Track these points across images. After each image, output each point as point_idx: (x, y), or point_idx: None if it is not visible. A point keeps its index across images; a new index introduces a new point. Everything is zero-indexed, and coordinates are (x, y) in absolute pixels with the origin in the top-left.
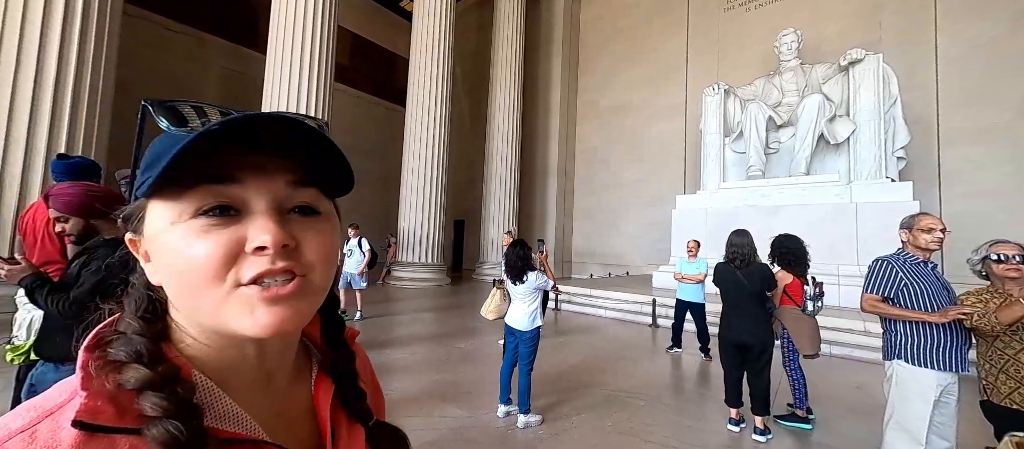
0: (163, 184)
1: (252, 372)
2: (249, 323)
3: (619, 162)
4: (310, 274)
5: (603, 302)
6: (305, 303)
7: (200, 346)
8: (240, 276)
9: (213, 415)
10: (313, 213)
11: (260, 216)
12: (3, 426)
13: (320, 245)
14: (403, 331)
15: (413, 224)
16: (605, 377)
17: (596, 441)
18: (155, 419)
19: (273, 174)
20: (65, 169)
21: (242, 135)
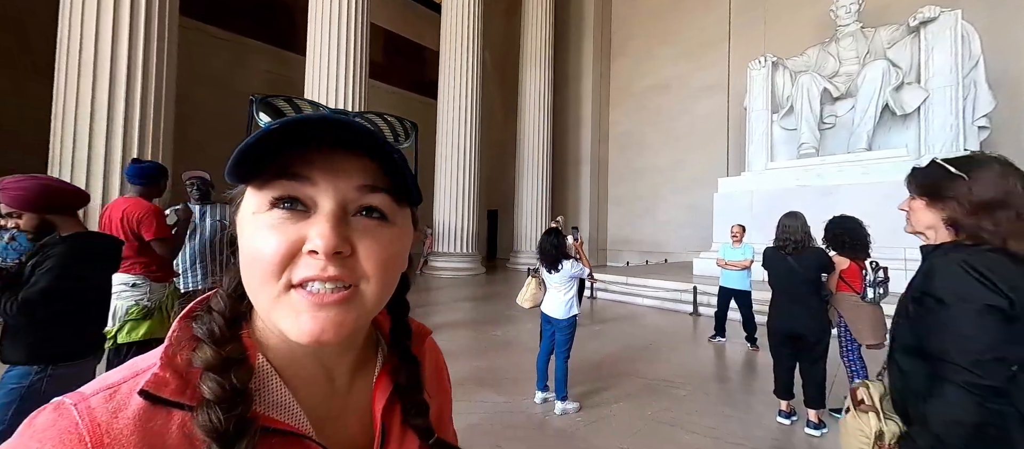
0: (246, 175)
1: (310, 366)
2: (293, 327)
3: (656, 145)
4: (362, 284)
5: (641, 290)
6: (351, 315)
7: (267, 332)
8: (292, 277)
9: (264, 402)
10: (380, 217)
11: (321, 218)
12: (104, 379)
13: (379, 254)
14: (440, 319)
15: (447, 215)
16: (644, 366)
17: (636, 429)
18: (206, 402)
19: (343, 175)
20: (138, 173)
21: (307, 136)
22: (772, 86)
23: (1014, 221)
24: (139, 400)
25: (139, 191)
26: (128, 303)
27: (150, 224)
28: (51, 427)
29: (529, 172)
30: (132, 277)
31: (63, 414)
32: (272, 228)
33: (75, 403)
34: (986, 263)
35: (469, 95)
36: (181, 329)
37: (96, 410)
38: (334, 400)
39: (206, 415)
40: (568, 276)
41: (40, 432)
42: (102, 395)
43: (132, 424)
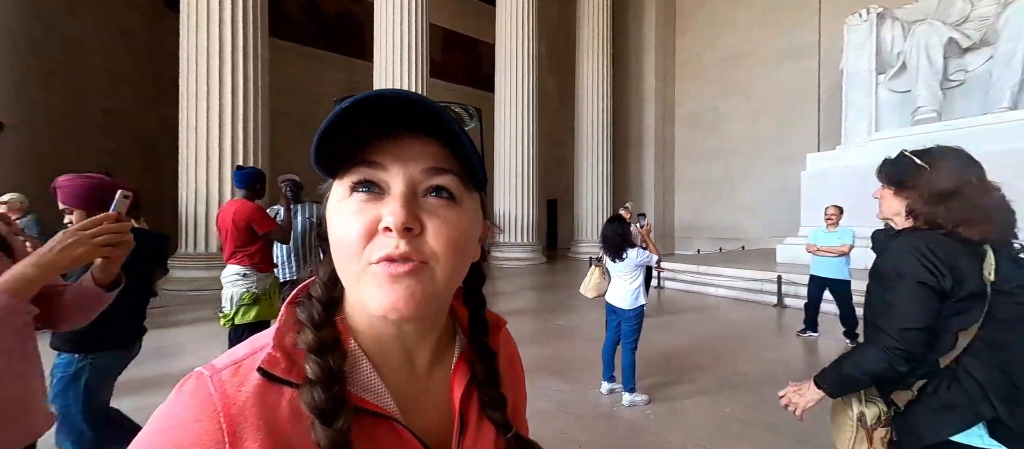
0: (332, 168)
1: (395, 349)
2: (372, 299)
3: (730, 122)
4: (431, 262)
5: (715, 279)
6: (420, 287)
7: (358, 318)
8: (371, 255)
9: (355, 383)
10: (448, 197)
11: (393, 197)
12: (230, 353)
13: (446, 232)
14: (502, 307)
15: (507, 206)
16: (720, 361)
17: (712, 426)
18: (309, 381)
19: (412, 159)
20: (241, 178)
21: (376, 116)
22: (878, 42)
23: (966, 210)
24: (257, 376)
25: (244, 194)
26: (240, 290)
27: (259, 221)
28: (194, 394)
29: (588, 158)
30: (242, 268)
31: (201, 384)
32: (352, 211)
33: (210, 375)
34: (931, 245)
35: (525, 85)
36: (288, 314)
37: (226, 382)
38: (415, 386)
39: (309, 393)
40: (633, 264)
41: (187, 397)
42: (229, 369)
43: (252, 397)
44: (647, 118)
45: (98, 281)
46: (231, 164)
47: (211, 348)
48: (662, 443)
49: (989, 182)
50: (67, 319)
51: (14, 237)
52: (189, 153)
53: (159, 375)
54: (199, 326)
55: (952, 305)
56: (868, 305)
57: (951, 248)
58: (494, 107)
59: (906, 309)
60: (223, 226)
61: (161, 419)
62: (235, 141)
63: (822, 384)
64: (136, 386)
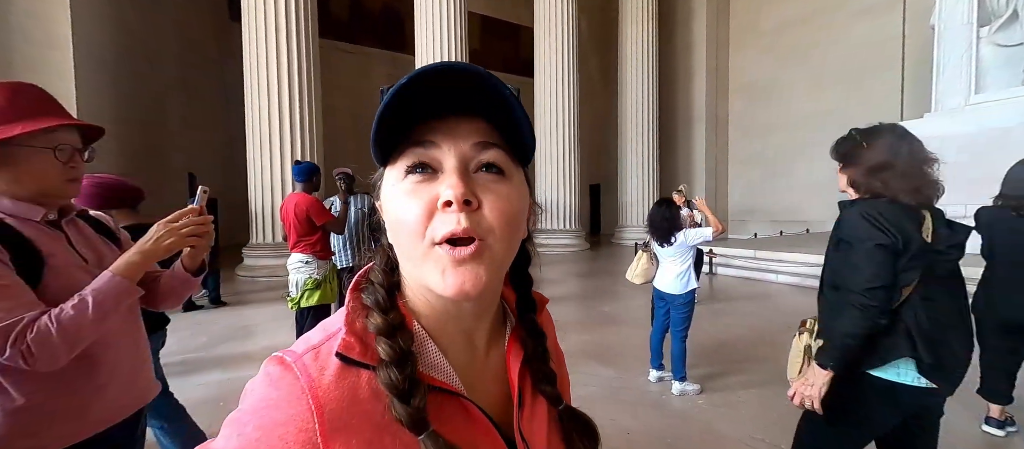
0: (385, 154)
1: (455, 330)
2: (439, 282)
3: (792, 92)
4: (489, 238)
5: (774, 265)
6: (484, 268)
7: (418, 300)
8: (434, 234)
9: (423, 363)
10: (499, 172)
11: (448, 172)
12: (306, 339)
13: (501, 206)
14: (547, 293)
15: (549, 192)
16: (780, 351)
17: (771, 420)
18: (383, 362)
19: (461, 135)
20: (299, 172)
21: (432, 94)
22: None
23: (899, 179)
24: (336, 360)
25: (302, 187)
26: (304, 277)
27: (317, 212)
28: (282, 378)
29: (633, 140)
30: (305, 256)
31: (287, 368)
32: (409, 193)
33: (294, 360)
34: (878, 210)
35: (566, 67)
36: (354, 300)
37: (309, 366)
38: (474, 364)
39: (386, 373)
40: (684, 248)
41: (276, 381)
42: (310, 354)
43: (334, 380)
44: (697, 92)
45: (186, 267)
46: (291, 160)
47: (282, 328)
48: (714, 434)
49: (922, 154)
50: (164, 300)
51: (120, 230)
52: (255, 152)
53: (240, 353)
54: (270, 308)
55: (904, 262)
56: (829, 271)
57: (896, 212)
58: (533, 92)
59: (870, 270)
60: (286, 218)
61: (253, 399)
62: (293, 139)
63: (826, 364)
64: (221, 362)
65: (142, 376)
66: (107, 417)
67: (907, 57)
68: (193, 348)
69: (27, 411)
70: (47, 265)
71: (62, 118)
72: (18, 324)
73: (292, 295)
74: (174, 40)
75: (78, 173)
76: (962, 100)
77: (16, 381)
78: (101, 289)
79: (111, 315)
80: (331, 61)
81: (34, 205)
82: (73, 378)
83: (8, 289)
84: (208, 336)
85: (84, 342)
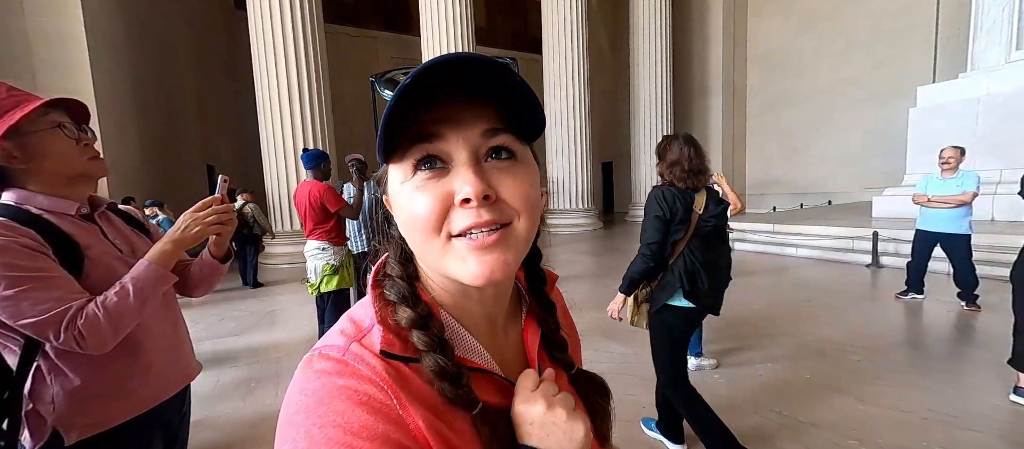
0: (391, 150)
1: (478, 314)
2: (464, 271)
3: (815, 59)
4: (514, 222)
5: (794, 238)
6: (511, 252)
7: (440, 290)
8: (451, 228)
9: (459, 348)
10: (509, 156)
11: (462, 168)
12: (340, 333)
13: (519, 191)
14: (561, 271)
15: (560, 171)
16: (799, 325)
17: (790, 393)
18: (424, 352)
19: (468, 125)
20: (308, 159)
21: (434, 87)
22: None
23: (680, 172)
24: (379, 359)
25: (313, 174)
26: (321, 263)
27: (331, 199)
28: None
29: (645, 114)
30: (321, 243)
31: (340, 362)
32: (420, 190)
33: (342, 354)
34: (662, 193)
35: (575, 40)
36: (377, 297)
37: (362, 355)
38: (497, 343)
39: (432, 360)
40: None
41: (334, 372)
42: (355, 345)
43: (386, 366)
44: (713, 62)
45: (213, 255)
46: (302, 148)
47: (304, 311)
48: (732, 407)
49: (698, 155)
50: (196, 287)
51: (148, 221)
52: (268, 141)
53: (267, 336)
54: (291, 294)
55: (674, 227)
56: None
57: (674, 194)
58: (542, 68)
59: (650, 233)
60: (301, 205)
61: (317, 394)
62: (305, 126)
63: (621, 289)
64: (250, 345)
65: (183, 356)
66: (156, 395)
67: (941, 15)
68: (222, 333)
69: (84, 391)
70: (86, 257)
71: (42, 98)
72: (69, 311)
73: (311, 281)
74: (185, 30)
75: (94, 150)
76: (1002, 58)
77: (73, 365)
78: (140, 276)
79: (150, 301)
80: (339, 46)
81: (67, 199)
82: (120, 360)
83: (57, 280)
84: (236, 322)
85: (129, 326)
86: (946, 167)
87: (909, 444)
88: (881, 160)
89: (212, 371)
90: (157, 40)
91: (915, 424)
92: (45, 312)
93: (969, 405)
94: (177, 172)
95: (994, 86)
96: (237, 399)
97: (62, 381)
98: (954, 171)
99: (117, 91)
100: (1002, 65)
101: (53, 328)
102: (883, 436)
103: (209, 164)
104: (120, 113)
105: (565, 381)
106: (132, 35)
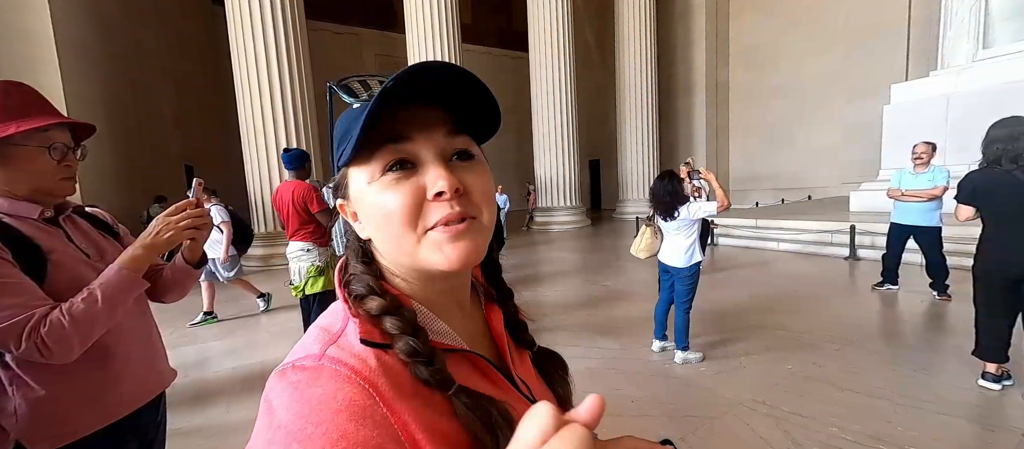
0: (357, 152)
1: (448, 301)
2: (441, 259)
3: (795, 56)
4: (479, 215)
5: (776, 233)
6: (480, 238)
7: (408, 283)
8: (426, 222)
9: (430, 331)
10: (469, 157)
11: (432, 166)
12: (313, 341)
13: (481, 187)
14: (550, 269)
15: (548, 169)
16: (781, 317)
17: (773, 383)
18: (396, 336)
19: (433, 128)
20: (289, 160)
21: (407, 92)
22: None
23: None
24: (361, 345)
25: (295, 174)
26: (306, 264)
27: (313, 200)
28: (317, 376)
29: (631, 111)
30: (305, 244)
31: (317, 369)
32: (392, 188)
33: (319, 360)
34: None
35: (561, 37)
36: (346, 295)
37: (341, 356)
38: (466, 326)
39: (404, 342)
40: (688, 221)
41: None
42: (332, 349)
43: (367, 359)
44: (697, 60)
45: (187, 259)
46: (284, 148)
47: (289, 313)
48: (717, 399)
49: None
50: (168, 292)
51: (118, 224)
52: (249, 140)
53: (252, 338)
54: (274, 296)
55: None
56: None
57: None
58: (529, 66)
59: None
60: (281, 206)
61: (297, 407)
62: (287, 125)
63: None
64: (234, 348)
65: (157, 363)
66: (128, 402)
67: (913, 13)
68: (204, 337)
69: (50, 401)
70: (49, 261)
71: (54, 117)
72: (31, 319)
73: (295, 283)
74: (158, 28)
75: (72, 172)
76: (969, 57)
77: (37, 374)
78: (109, 282)
79: (120, 307)
80: (323, 43)
81: (30, 203)
82: (89, 369)
83: (16, 286)
84: (218, 326)
85: (96, 333)
86: (918, 162)
87: (883, 429)
88: (858, 155)
89: (195, 376)
90: (127, 39)
91: (889, 410)
92: (4, 320)
93: (940, 390)
94: (157, 172)
95: (962, 84)
96: (223, 405)
97: (25, 392)
98: (926, 166)
99: (87, 90)
100: (970, 63)
101: (13, 337)
102: (859, 421)
103: (187, 164)
104: (89, 112)
105: (528, 359)
106: (100, 34)
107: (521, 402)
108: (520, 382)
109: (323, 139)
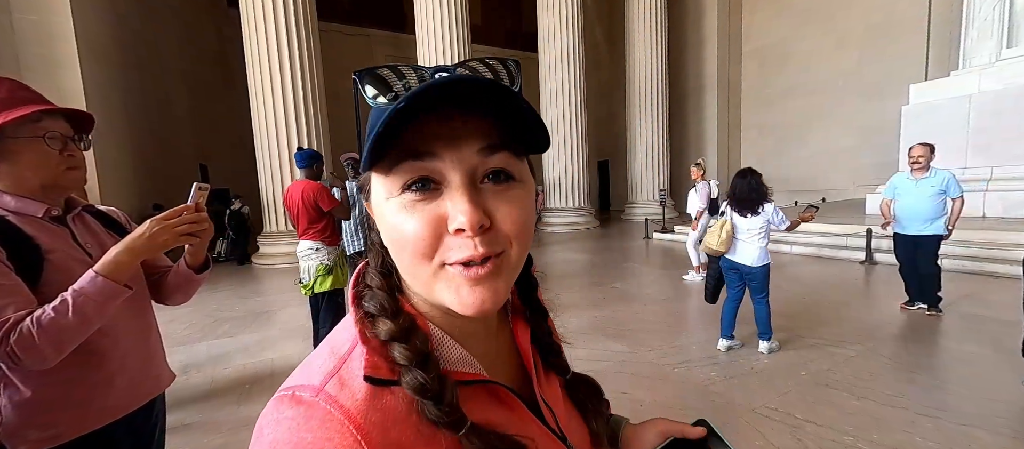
0: (375, 161)
1: (472, 323)
2: (455, 301)
3: (809, 55)
4: (507, 250)
5: (789, 235)
6: (503, 282)
7: (425, 304)
8: (445, 258)
9: (447, 361)
10: (507, 179)
11: (456, 192)
12: (317, 366)
13: (515, 217)
14: (557, 272)
15: (556, 169)
16: (794, 322)
17: (786, 389)
18: (404, 367)
19: (464, 143)
20: (301, 157)
21: (428, 104)
22: None
23: None
24: (364, 386)
25: (306, 173)
26: (315, 263)
27: (324, 199)
28: (309, 417)
29: (641, 112)
30: (314, 243)
31: (312, 406)
32: (409, 212)
33: (316, 395)
34: None
35: (570, 38)
36: (358, 312)
37: (339, 397)
38: (491, 345)
39: (411, 377)
40: (767, 221)
41: (303, 422)
42: (332, 384)
43: (369, 403)
44: (708, 59)
45: (189, 264)
46: (296, 147)
47: (298, 312)
48: (729, 405)
49: None
50: (170, 296)
51: (131, 224)
52: (262, 140)
53: (262, 336)
54: (284, 294)
55: None
56: None
57: None
58: (538, 66)
59: None
60: (292, 205)
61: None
62: (298, 125)
63: None
64: (245, 347)
65: (153, 366)
66: (120, 405)
67: (933, 12)
68: (217, 334)
69: (36, 403)
70: (47, 261)
71: (41, 104)
72: (3, 326)
73: (304, 282)
74: (174, 29)
75: (77, 161)
76: (992, 56)
77: (23, 375)
78: (82, 290)
79: (95, 316)
80: (334, 44)
81: (37, 201)
82: (79, 371)
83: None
84: (230, 323)
85: (73, 342)
86: (916, 166)
87: (901, 439)
88: (874, 157)
89: (203, 375)
90: (143, 40)
91: (907, 419)
92: None
93: (959, 401)
94: (171, 170)
95: (985, 84)
96: (230, 403)
97: (10, 392)
98: (925, 170)
99: (107, 90)
100: (993, 63)
101: None
102: (877, 431)
103: (202, 164)
104: (109, 112)
105: (561, 383)
106: (117, 34)
107: (544, 436)
108: (545, 407)
109: (334, 137)
